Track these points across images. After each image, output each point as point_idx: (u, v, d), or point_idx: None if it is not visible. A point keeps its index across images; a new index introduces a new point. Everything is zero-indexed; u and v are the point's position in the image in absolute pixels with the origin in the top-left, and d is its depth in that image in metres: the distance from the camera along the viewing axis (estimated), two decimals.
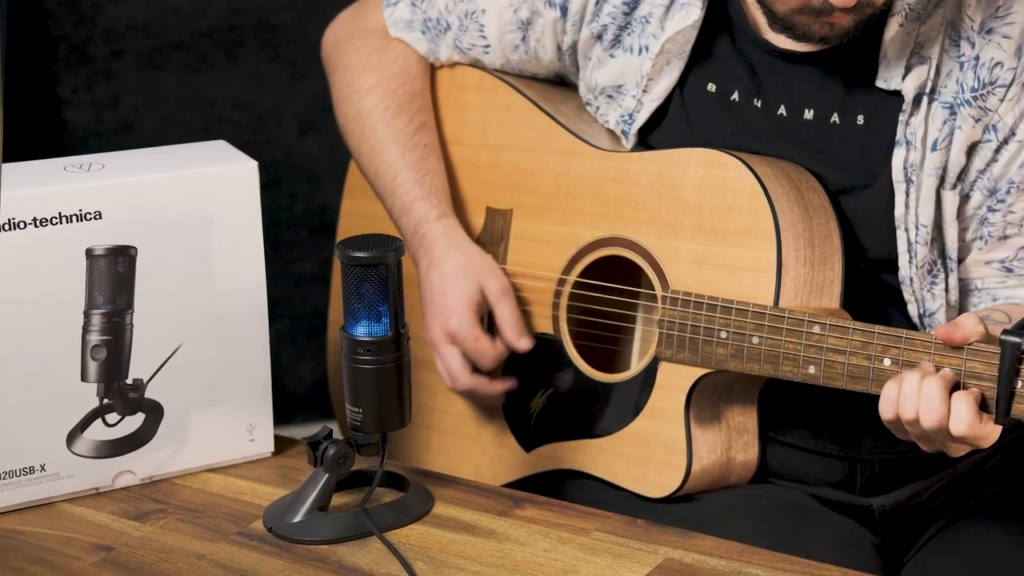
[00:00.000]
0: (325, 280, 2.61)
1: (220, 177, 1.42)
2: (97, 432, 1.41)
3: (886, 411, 1.32)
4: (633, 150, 1.59)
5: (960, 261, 1.50)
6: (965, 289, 1.52)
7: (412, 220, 1.63)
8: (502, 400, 1.64)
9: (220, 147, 1.50)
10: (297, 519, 1.35)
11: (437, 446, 1.70)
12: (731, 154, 1.49)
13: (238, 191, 1.43)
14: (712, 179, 1.49)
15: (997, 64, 1.43)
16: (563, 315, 1.60)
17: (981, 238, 1.49)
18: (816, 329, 1.38)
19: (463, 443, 1.69)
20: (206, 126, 2.54)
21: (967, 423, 1.25)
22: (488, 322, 1.63)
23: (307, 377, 2.62)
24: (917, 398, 1.28)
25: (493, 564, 1.29)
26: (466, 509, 1.39)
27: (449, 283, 1.60)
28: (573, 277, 1.59)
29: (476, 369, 1.61)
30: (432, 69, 1.73)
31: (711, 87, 1.53)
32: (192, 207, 1.41)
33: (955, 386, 1.29)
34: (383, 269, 1.33)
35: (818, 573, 1.26)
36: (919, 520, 1.54)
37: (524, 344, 1.60)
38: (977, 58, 1.43)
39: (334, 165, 2.60)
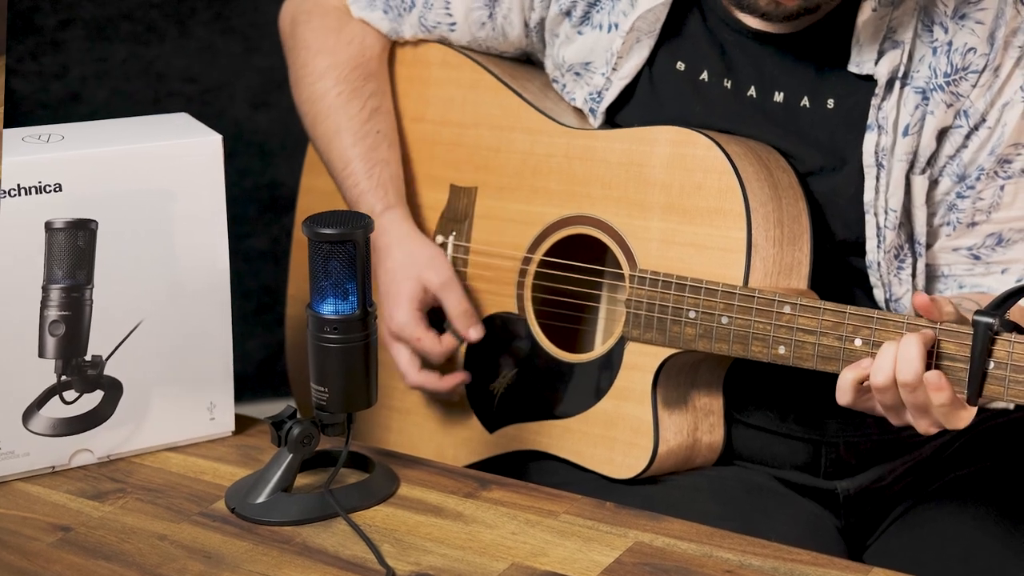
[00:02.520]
0: (276, 256, 2.59)
1: (184, 150, 1.39)
2: (54, 409, 1.38)
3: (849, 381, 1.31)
4: (600, 128, 1.57)
5: (928, 247, 1.50)
6: (932, 275, 1.52)
7: (361, 211, 1.61)
8: (456, 395, 1.62)
9: (183, 120, 1.47)
10: (260, 500, 1.32)
11: (398, 427, 1.68)
12: (701, 132, 1.47)
13: (202, 165, 1.40)
14: (681, 157, 1.47)
15: (970, 50, 1.42)
16: (528, 294, 1.58)
17: (949, 224, 1.49)
18: (786, 309, 1.37)
19: (425, 424, 1.67)
20: (156, 99, 2.49)
21: (947, 393, 1.25)
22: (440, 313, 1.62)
23: (256, 354, 2.59)
24: (893, 360, 1.27)
25: (460, 547, 1.27)
26: (432, 491, 1.37)
27: (390, 281, 1.59)
28: (539, 256, 1.58)
29: (426, 365, 1.60)
30: (394, 44, 1.71)
31: (680, 66, 1.52)
32: (155, 181, 1.38)
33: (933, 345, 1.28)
34: (351, 246, 1.30)
35: (788, 557, 1.25)
36: (883, 503, 1.54)
37: (474, 334, 1.59)
38: (950, 43, 1.43)
39: (286, 140, 2.57)
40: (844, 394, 1.33)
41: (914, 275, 1.49)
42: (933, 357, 1.29)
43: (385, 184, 1.63)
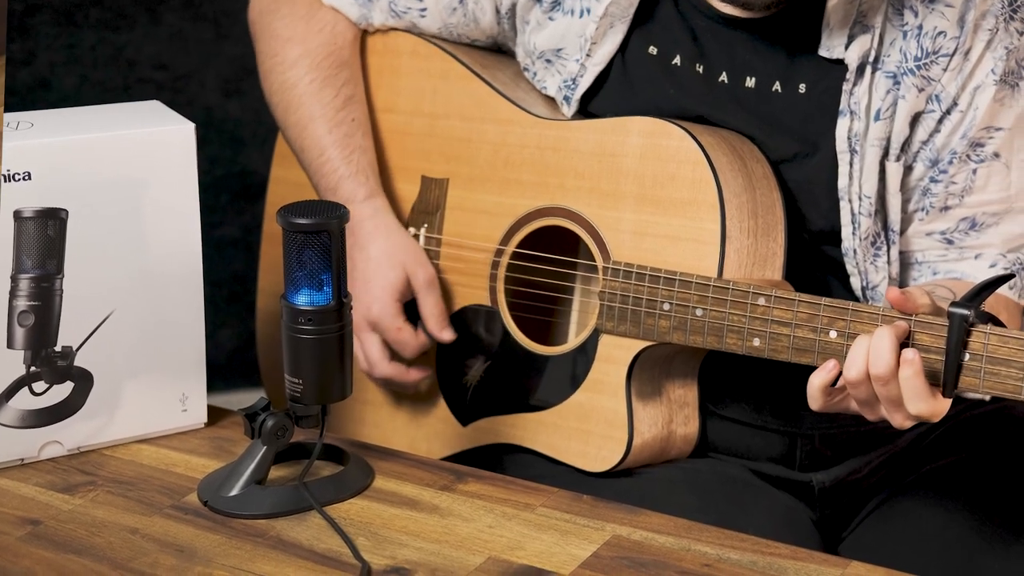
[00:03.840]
0: (247, 245, 2.57)
1: (156, 138, 1.38)
2: (23, 401, 1.37)
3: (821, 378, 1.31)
4: (573, 118, 1.56)
5: (901, 233, 1.50)
6: (906, 262, 1.52)
7: (339, 199, 1.60)
8: (421, 387, 1.62)
9: (154, 107, 1.45)
10: (234, 493, 1.31)
11: (371, 419, 1.67)
12: (674, 123, 1.47)
13: (174, 153, 1.38)
14: (655, 148, 1.47)
15: (940, 33, 1.42)
16: (501, 286, 1.58)
17: (923, 209, 1.49)
18: (761, 301, 1.37)
19: (397, 416, 1.66)
20: (126, 86, 2.47)
21: (914, 368, 1.25)
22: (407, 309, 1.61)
23: (227, 344, 2.57)
24: (867, 351, 1.27)
25: (437, 540, 1.27)
26: (407, 483, 1.36)
27: (373, 269, 1.58)
28: (511, 248, 1.57)
29: (394, 357, 1.60)
30: (364, 34, 1.69)
31: (653, 50, 1.51)
32: (126, 169, 1.36)
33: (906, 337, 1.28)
34: (326, 237, 1.29)
35: (766, 551, 1.25)
36: (858, 496, 1.54)
37: (447, 336, 1.59)
38: (920, 27, 1.43)
39: (257, 129, 2.56)
40: (815, 400, 1.33)
41: (888, 262, 1.49)
42: (910, 338, 1.29)
43: (365, 170, 1.61)
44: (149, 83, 2.49)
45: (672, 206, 1.45)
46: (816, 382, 1.32)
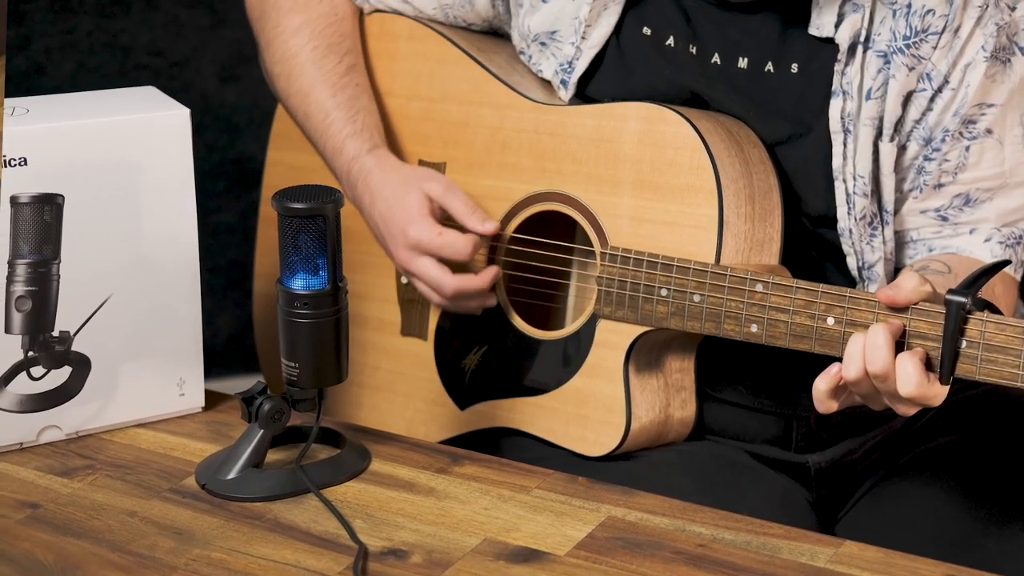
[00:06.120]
0: (244, 231, 2.57)
1: (151, 124, 1.38)
2: (21, 386, 1.37)
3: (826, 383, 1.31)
4: (571, 102, 1.57)
5: (895, 213, 1.50)
6: (900, 241, 1.52)
7: (345, 159, 1.59)
8: (494, 298, 1.57)
9: (149, 93, 1.45)
10: (231, 476, 1.32)
11: (369, 403, 1.68)
12: (671, 108, 1.47)
13: (169, 139, 1.39)
14: (652, 134, 1.47)
15: (929, 11, 1.43)
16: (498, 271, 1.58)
17: (917, 187, 1.50)
18: (759, 287, 1.37)
19: (395, 400, 1.66)
20: (122, 72, 2.47)
21: (915, 383, 1.25)
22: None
23: (225, 330, 2.57)
24: (863, 349, 1.27)
25: (433, 522, 1.27)
26: (403, 466, 1.36)
27: (393, 204, 1.56)
28: (509, 232, 1.57)
29: (456, 269, 1.55)
30: (361, 16, 1.70)
31: (646, 31, 1.52)
32: (122, 155, 1.36)
33: (902, 335, 1.28)
34: (321, 221, 1.29)
35: (761, 531, 1.26)
36: (853, 477, 1.54)
37: (489, 227, 1.54)
38: (909, 5, 1.43)
39: (253, 114, 2.55)
40: (823, 404, 1.31)
41: (884, 242, 1.49)
42: (905, 336, 1.29)
43: (370, 128, 1.61)
44: (145, 69, 2.49)
45: (670, 192, 1.45)
46: (823, 387, 1.30)
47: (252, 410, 1.33)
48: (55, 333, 1.37)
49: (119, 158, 1.36)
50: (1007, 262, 1.30)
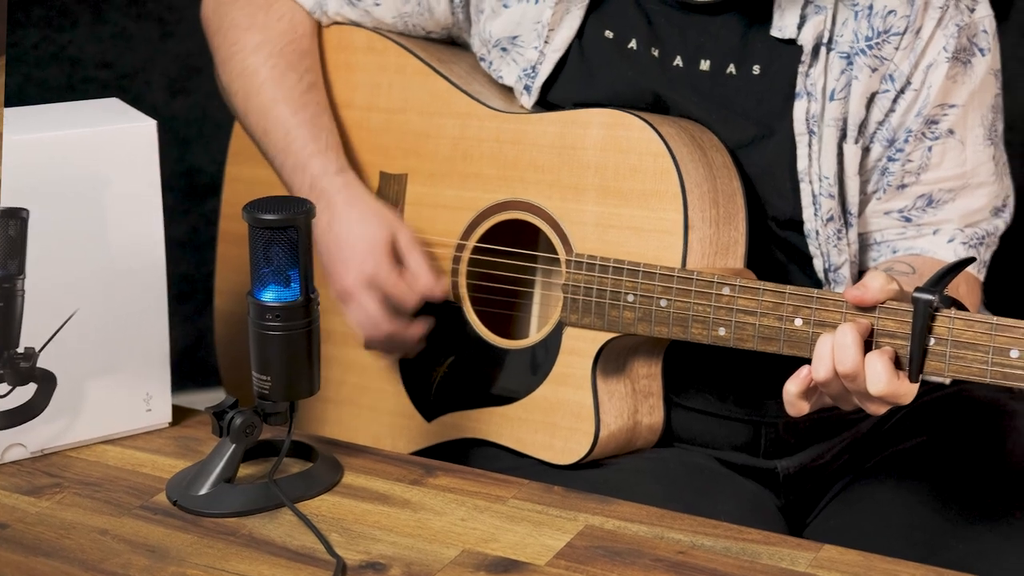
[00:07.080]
0: (195, 246, 2.55)
1: (117, 136, 1.36)
2: None
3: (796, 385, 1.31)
4: (533, 108, 1.57)
5: (859, 214, 1.51)
6: (864, 243, 1.54)
7: (308, 176, 1.58)
8: (419, 346, 1.59)
9: (114, 105, 1.44)
10: (203, 491, 1.30)
11: (334, 418, 1.66)
12: (634, 114, 1.47)
13: (136, 151, 1.37)
14: (615, 140, 1.47)
15: (890, 12, 1.44)
16: (463, 281, 1.57)
17: (881, 188, 1.51)
18: (726, 291, 1.38)
19: (360, 414, 1.65)
20: (70, 85, 2.44)
21: (884, 381, 1.25)
22: None
23: (176, 344, 2.54)
24: (831, 349, 1.28)
25: (410, 534, 1.26)
26: (377, 478, 1.36)
27: (360, 231, 1.55)
28: (472, 242, 1.56)
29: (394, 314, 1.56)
30: (319, 29, 1.69)
31: (609, 34, 1.52)
32: (88, 167, 1.35)
33: (870, 334, 1.29)
34: (293, 232, 1.29)
35: (739, 536, 1.26)
36: (822, 481, 1.55)
37: (441, 287, 1.55)
38: (871, 7, 1.44)
39: (204, 127, 2.53)
40: (794, 407, 1.31)
41: (848, 244, 1.50)
42: (874, 335, 1.30)
43: (334, 148, 1.60)
44: (93, 82, 2.47)
45: (634, 197, 1.45)
46: (793, 389, 1.30)
47: (223, 424, 1.32)
48: (20, 350, 1.35)
49: (85, 171, 1.35)
50: (972, 259, 1.31)
